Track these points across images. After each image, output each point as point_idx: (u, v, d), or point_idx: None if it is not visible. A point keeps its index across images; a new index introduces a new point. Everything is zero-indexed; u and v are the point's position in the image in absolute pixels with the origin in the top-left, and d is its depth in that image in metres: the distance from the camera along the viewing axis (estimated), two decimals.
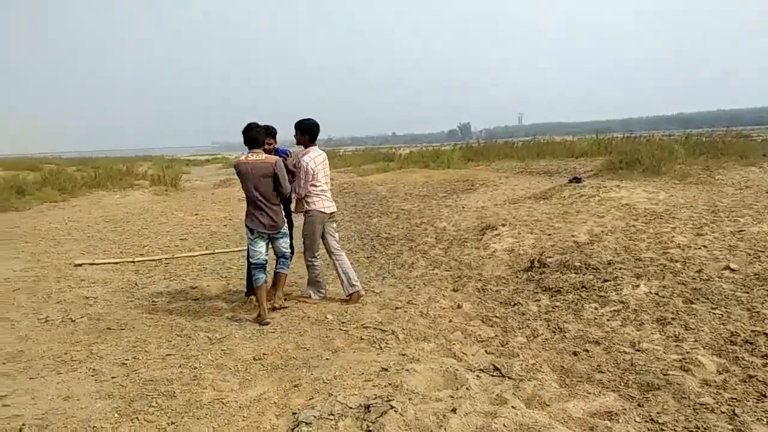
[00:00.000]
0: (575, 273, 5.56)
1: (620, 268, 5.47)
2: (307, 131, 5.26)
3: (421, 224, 9.28)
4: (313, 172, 5.20)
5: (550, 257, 6.16)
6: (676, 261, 5.51)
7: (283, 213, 5.23)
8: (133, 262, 7.52)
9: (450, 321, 4.68)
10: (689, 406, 2.97)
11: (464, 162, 20.83)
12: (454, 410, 2.88)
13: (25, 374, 3.78)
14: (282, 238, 5.17)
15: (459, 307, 5.04)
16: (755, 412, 2.86)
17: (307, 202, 5.29)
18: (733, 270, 5.11)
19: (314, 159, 5.23)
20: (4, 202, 13.76)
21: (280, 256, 5.24)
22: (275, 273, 5.35)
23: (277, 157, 5.03)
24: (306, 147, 5.31)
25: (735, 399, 3.00)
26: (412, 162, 22.71)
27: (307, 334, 4.49)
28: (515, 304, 5.00)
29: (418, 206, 11.32)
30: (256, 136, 4.98)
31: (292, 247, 5.47)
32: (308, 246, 5.38)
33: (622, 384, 3.30)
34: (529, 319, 4.60)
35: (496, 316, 4.73)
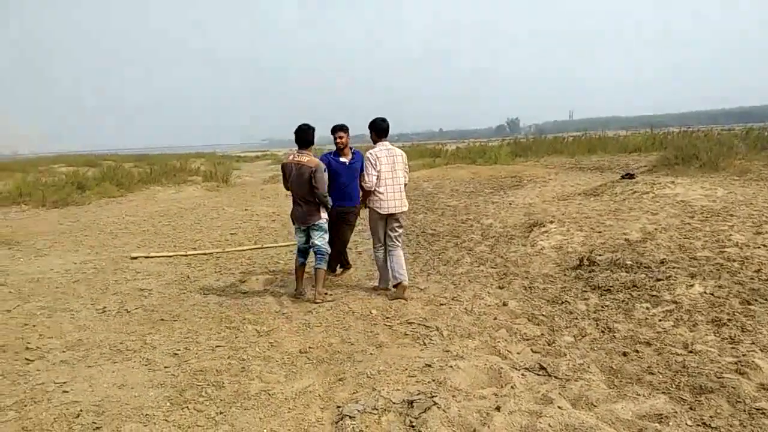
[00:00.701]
0: (626, 272, 5.42)
1: (674, 267, 5.30)
2: (371, 127, 5.41)
3: (467, 221, 9.21)
4: (374, 166, 5.27)
5: (600, 255, 6.02)
6: (734, 260, 5.30)
7: (320, 210, 5.38)
8: (185, 255, 7.75)
9: (495, 318, 4.64)
10: (744, 410, 2.86)
11: (512, 158, 20.56)
12: (498, 408, 2.87)
13: (84, 362, 3.96)
14: (316, 231, 5.41)
15: (504, 304, 4.98)
16: None
17: (369, 199, 5.43)
18: None
19: (375, 153, 5.30)
20: (66, 197, 14.40)
21: (316, 251, 5.47)
22: (314, 269, 5.54)
23: (318, 161, 5.26)
24: (374, 143, 5.46)
25: None
26: (458, 158, 22.54)
27: (352, 329, 4.53)
28: (563, 302, 4.91)
29: (464, 202, 11.25)
30: (304, 136, 5.33)
31: (332, 243, 5.65)
32: (372, 237, 5.66)
33: (674, 386, 3.20)
34: (576, 318, 4.51)
35: (543, 315, 4.66)
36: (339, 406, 3.10)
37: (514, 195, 11.38)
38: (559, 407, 2.88)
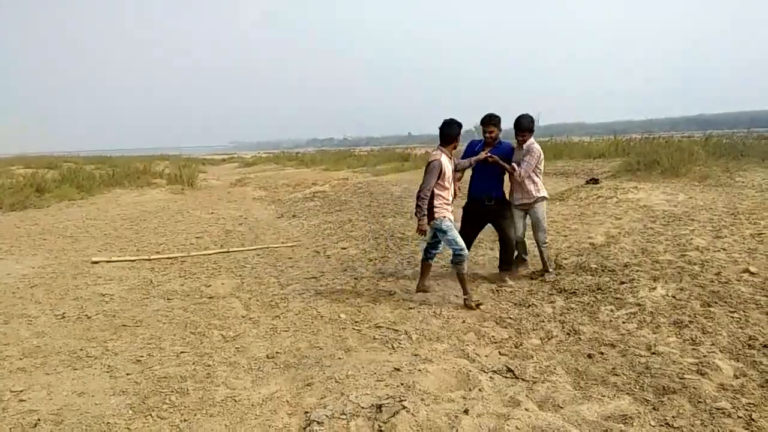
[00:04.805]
0: (591, 275, 5.51)
1: (637, 271, 5.41)
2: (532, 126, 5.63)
3: None
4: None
5: (565, 258, 6.11)
6: (694, 263, 5.44)
7: (433, 210, 5.03)
8: (149, 259, 7.59)
9: (463, 321, 4.66)
10: (705, 410, 2.93)
11: None
12: (466, 411, 2.87)
13: (41, 370, 3.83)
14: (438, 232, 5.10)
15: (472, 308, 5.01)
16: None
17: (540, 188, 5.62)
18: (752, 273, 5.03)
19: None
20: (24, 199, 13.97)
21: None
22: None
23: (436, 153, 5.03)
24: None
25: (752, 404, 2.95)
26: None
27: (321, 333, 4.49)
28: (530, 305, 4.96)
29: None
30: (444, 131, 5.06)
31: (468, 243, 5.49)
32: (545, 228, 5.75)
33: (637, 387, 3.26)
34: (543, 321, 4.56)
35: (510, 318, 4.70)
36: (307, 412, 3.06)
37: None
38: (526, 409, 2.90)
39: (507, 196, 5.76)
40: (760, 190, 9.39)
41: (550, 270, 5.74)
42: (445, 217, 5.03)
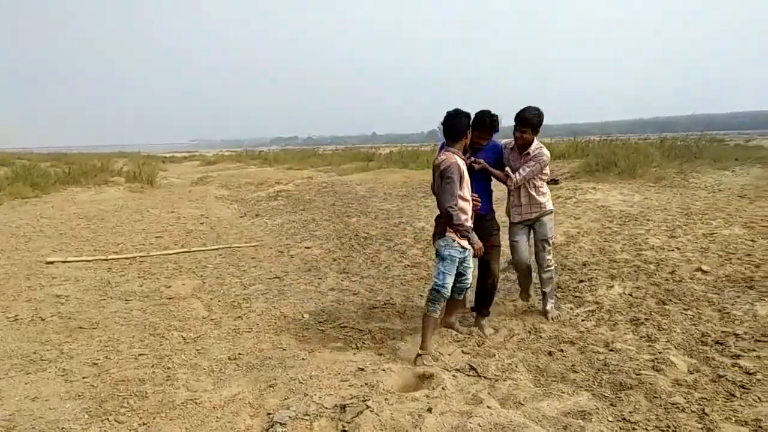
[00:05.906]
0: None
1: (595, 269, 5.54)
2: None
3: (400, 224, 9.28)
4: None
5: None
6: (650, 262, 5.59)
7: (447, 229, 3.83)
8: (106, 260, 7.39)
9: None
10: (660, 405, 3.01)
11: None
12: (429, 410, 2.88)
13: None
14: (437, 256, 3.95)
15: None
16: (724, 411, 2.92)
17: (550, 199, 4.63)
18: (704, 272, 5.20)
19: None
20: None
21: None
22: None
23: (453, 158, 3.77)
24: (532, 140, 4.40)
25: (705, 398, 3.06)
26: (391, 162, 22.67)
27: (284, 334, 4.46)
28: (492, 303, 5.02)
29: (397, 206, 11.32)
30: (449, 126, 3.84)
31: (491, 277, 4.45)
32: (551, 249, 4.76)
33: (596, 383, 3.34)
34: (505, 319, 4.63)
35: (473, 316, 4.74)
36: (269, 413, 3.03)
37: None
38: (488, 407, 2.94)
39: (503, 213, 4.83)
40: (711, 192, 9.71)
41: (550, 308, 4.65)
42: (454, 240, 3.83)
